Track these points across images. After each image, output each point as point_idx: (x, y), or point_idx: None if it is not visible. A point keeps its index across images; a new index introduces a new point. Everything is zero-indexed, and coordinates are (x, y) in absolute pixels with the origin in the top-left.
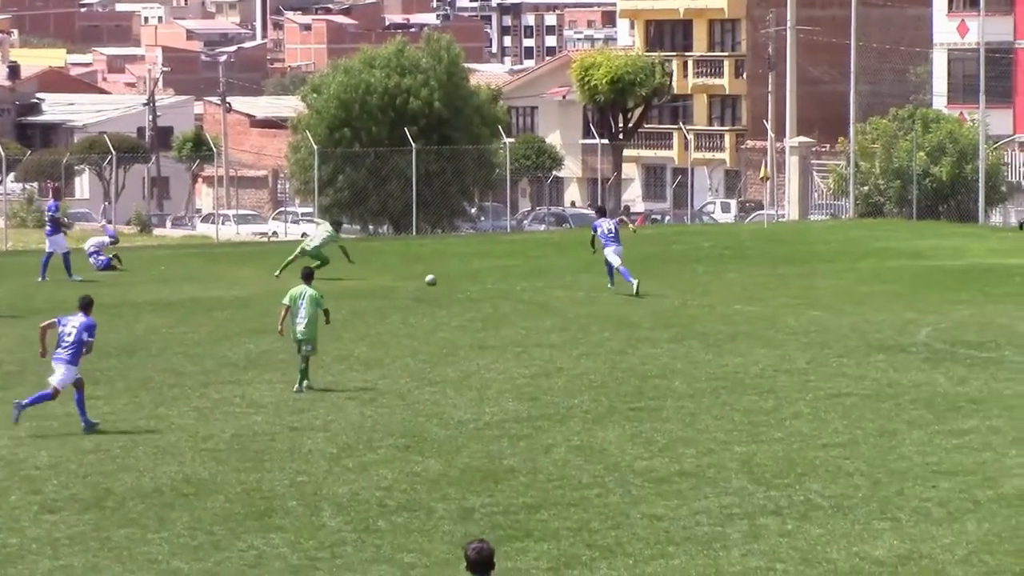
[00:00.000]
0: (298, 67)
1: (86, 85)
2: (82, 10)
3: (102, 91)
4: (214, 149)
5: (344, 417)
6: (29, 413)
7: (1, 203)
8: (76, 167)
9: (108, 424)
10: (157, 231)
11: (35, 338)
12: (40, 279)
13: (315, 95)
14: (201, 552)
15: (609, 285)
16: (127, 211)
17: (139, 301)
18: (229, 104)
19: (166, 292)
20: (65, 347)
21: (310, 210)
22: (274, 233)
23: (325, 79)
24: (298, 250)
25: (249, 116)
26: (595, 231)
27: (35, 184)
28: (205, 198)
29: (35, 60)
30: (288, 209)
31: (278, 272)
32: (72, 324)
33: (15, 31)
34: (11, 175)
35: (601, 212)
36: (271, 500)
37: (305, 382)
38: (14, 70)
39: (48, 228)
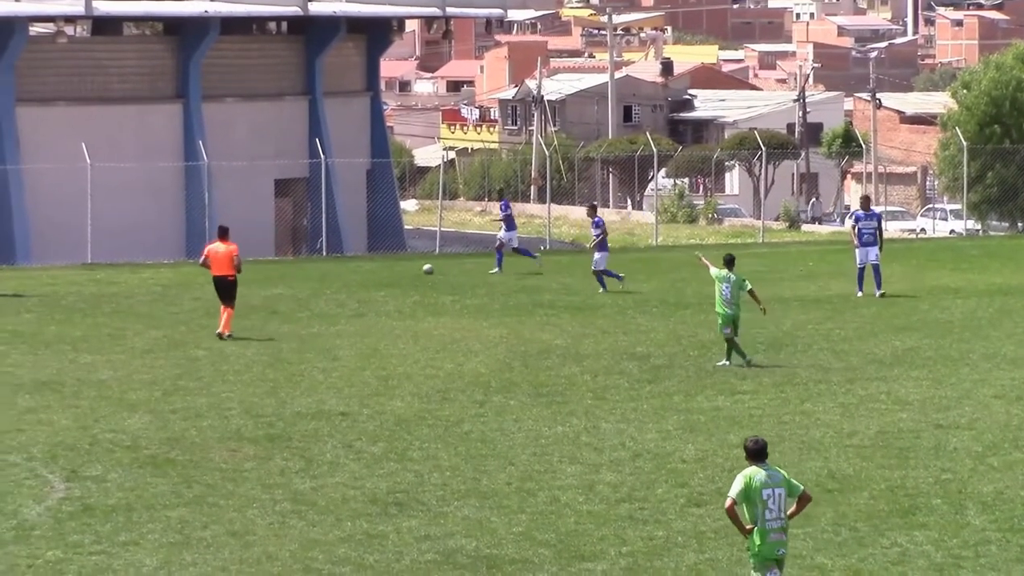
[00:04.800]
0: (948, 63)
1: (737, 81)
2: (735, 7)
3: (753, 87)
4: (863, 145)
5: (990, 415)
6: (675, 405)
7: (653, 198)
8: (726, 163)
9: (754, 419)
10: (805, 227)
11: (683, 333)
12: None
13: (965, 91)
14: (845, 548)
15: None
16: (775, 207)
17: (786, 296)
18: (879, 100)
19: (813, 288)
20: None
21: (958, 207)
22: (922, 230)
23: (975, 75)
24: None
25: (898, 112)
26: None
27: (685, 180)
28: (853, 194)
29: (688, 57)
30: (936, 206)
31: None
32: None
33: (668, 28)
34: (663, 170)
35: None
36: (915, 498)
37: (729, 361)
38: (667, 67)
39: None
